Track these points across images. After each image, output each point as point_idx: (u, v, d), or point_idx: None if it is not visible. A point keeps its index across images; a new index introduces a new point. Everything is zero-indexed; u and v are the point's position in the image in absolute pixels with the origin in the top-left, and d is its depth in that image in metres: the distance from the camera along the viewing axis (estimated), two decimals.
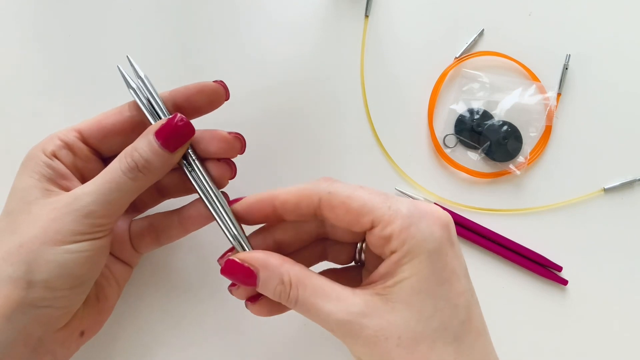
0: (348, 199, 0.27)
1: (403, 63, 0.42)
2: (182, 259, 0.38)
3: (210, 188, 0.31)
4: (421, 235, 0.25)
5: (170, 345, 0.37)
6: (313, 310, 0.26)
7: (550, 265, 0.39)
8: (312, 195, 0.27)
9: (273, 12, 0.42)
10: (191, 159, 0.31)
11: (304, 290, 0.26)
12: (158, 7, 0.41)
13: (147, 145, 0.28)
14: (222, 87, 0.32)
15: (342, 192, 0.27)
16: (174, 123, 0.29)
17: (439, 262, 0.25)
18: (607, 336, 0.39)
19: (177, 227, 0.33)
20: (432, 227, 0.26)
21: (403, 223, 0.25)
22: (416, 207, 0.26)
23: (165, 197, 0.34)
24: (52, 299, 0.27)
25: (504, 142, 0.40)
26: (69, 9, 0.41)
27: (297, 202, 0.28)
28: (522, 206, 0.40)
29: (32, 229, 0.27)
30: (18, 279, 0.26)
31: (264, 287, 0.27)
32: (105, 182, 0.28)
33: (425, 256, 0.25)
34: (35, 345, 0.28)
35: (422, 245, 0.25)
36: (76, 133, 0.31)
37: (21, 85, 0.40)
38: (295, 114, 0.41)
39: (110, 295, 0.33)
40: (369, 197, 0.26)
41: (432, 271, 0.25)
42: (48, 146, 0.30)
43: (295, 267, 0.27)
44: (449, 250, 0.26)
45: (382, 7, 0.42)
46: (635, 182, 0.40)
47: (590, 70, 0.42)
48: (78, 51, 0.40)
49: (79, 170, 0.31)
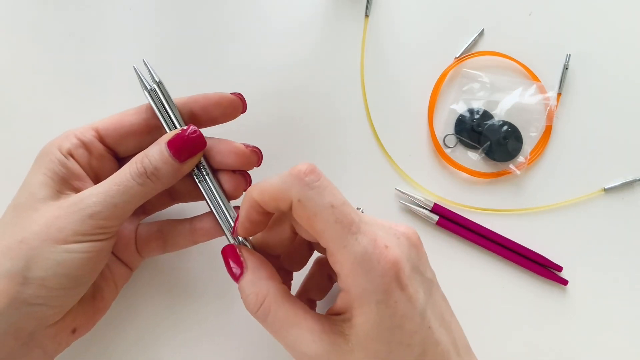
0: (312, 217, 0.25)
1: (403, 63, 0.42)
2: (184, 260, 0.38)
3: (221, 201, 0.31)
4: (366, 286, 0.25)
5: (168, 346, 0.37)
6: (280, 334, 0.27)
7: (550, 265, 0.39)
8: (285, 197, 0.26)
9: (273, 13, 0.42)
10: (203, 170, 0.31)
11: (275, 314, 0.27)
12: (159, 10, 0.41)
13: (158, 153, 0.29)
14: (240, 100, 0.32)
15: (309, 206, 0.25)
16: (186, 135, 0.29)
17: (387, 310, 0.25)
18: (607, 336, 0.39)
19: (186, 237, 0.33)
20: (377, 280, 0.25)
21: (351, 269, 0.25)
22: (367, 253, 0.25)
23: (175, 201, 0.34)
24: (47, 298, 0.27)
25: (504, 142, 0.40)
26: (69, 9, 0.41)
27: (270, 200, 0.27)
28: (522, 206, 0.40)
29: (35, 225, 0.27)
30: (15, 274, 0.26)
31: (242, 289, 0.28)
32: (113, 184, 0.28)
33: (372, 306, 0.25)
34: (26, 339, 0.28)
35: (368, 297, 0.25)
36: (94, 132, 0.31)
37: (21, 85, 0.40)
38: (295, 114, 0.41)
39: (107, 296, 0.32)
40: (331, 226, 0.25)
41: (381, 319, 0.25)
42: (65, 144, 0.30)
43: (276, 288, 0.28)
44: (398, 296, 0.25)
45: (382, 7, 0.42)
46: (635, 182, 0.40)
47: (590, 70, 0.42)
48: (78, 51, 0.40)
49: (94, 169, 0.31)
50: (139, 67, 0.31)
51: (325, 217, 0.25)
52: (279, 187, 0.26)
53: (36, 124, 0.39)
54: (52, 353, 0.30)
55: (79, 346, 0.34)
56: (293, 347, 0.26)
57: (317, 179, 0.25)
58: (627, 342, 0.39)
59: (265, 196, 0.27)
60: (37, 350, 0.29)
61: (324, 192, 0.25)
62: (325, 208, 0.25)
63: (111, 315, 0.35)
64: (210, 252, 0.38)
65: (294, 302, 0.28)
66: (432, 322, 0.27)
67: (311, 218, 0.25)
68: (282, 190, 0.26)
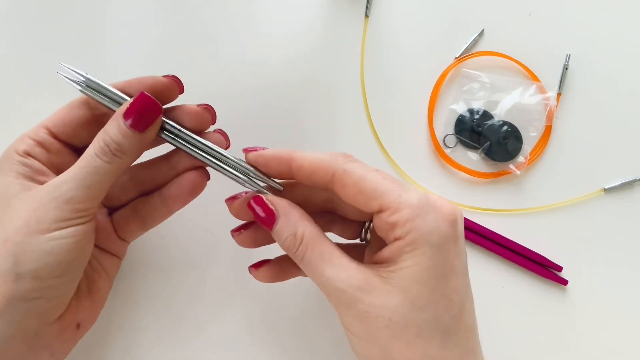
0: (361, 180, 0.27)
1: (403, 63, 0.42)
2: (176, 251, 0.38)
3: (208, 145, 0.31)
4: (426, 228, 0.26)
5: (165, 343, 0.37)
6: (316, 271, 0.27)
7: (550, 265, 0.39)
8: (327, 168, 0.28)
9: (273, 13, 0.42)
10: (173, 129, 0.30)
11: (312, 250, 0.27)
12: (157, 8, 0.41)
13: (116, 128, 0.28)
14: (175, 82, 0.31)
15: (356, 172, 0.27)
16: (139, 103, 0.29)
17: (440, 257, 0.26)
18: (607, 336, 0.39)
19: (160, 209, 0.33)
20: (438, 222, 0.26)
21: (411, 213, 0.26)
22: (427, 199, 0.27)
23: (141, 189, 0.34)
24: (42, 289, 0.27)
25: (504, 142, 0.40)
26: (69, 9, 0.41)
27: (311, 170, 0.29)
28: (522, 206, 0.40)
29: (14, 222, 0.27)
30: (6, 272, 0.26)
31: (278, 234, 0.28)
32: (81, 167, 0.28)
33: (427, 249, 0.26)
34: (32, 340, 0.28)
35: (426, 238, 0.26)
36: (45, 130, 0.31)
37: (21, 85, 0.40)
38: (295, 114, 0.41)
39: (101, 287, 0.33)
40: (382, 182, 0.27)
41: (432, 264, 0.26)
42: (20, 146, 0.30)
43: (311, 227, 0.28)
44: (451, 246, 0.26)
45: (382, 7, 0.42)
46: (635, 182, 0.40)
47: (590, 70, 0.42)
48: (79, 51, 0.40)
49: (55, 165, 0.31)
50: (61, 70, 0.30)
51: (373, 177, 0.27)
52: (326, 159, 0.28)
53: None
54: (59, 355, 0.30)
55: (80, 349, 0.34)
56: (328, 283, 0.27)
57: (356, 159, 0.29)
58: (627, 341, 0.39)
59: (306, 164, 0.28)
60: (45, 352, 0.29)
61: (364, 164, 0.28)
62: (370, 171, 0.27)
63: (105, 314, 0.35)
64: (210, 250, 0.38)
65: (329, 241, 0.28)
66: (470, 291, 0.28)
67: (359, 182, 0.27)
68: (325, 161, 0.28)
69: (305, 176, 0.29)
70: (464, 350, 0.27)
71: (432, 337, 0.26)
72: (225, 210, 0.31)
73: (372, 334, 0.26)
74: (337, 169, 0.28)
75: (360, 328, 0.26)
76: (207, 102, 0.32)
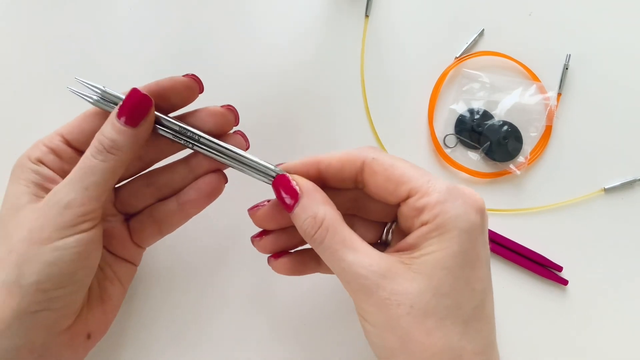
0: (390, 167, 0.28)
1: (403, 63, 0.42)
2: (189, 258, 0.38)
3: (228, 148, 0.30)
4: (455, 212, 0.26)
5: (176, 347, 0.37)
6: (336, 256, 0.27)
7: (550, 265, 0.39)
8: (356, 159, 0.28)
9: (273, 13, 0.42)
10: (190, 133, 0.30)
11: (333, 235, 0.27)
12: (158, 8, 0.41)
13: (110, 126, 0.28)
14: (195, 81, 0.31)
15: (385, 159, 0.28)
16: (129, 99, 0.29)
17: (468, 244, 0.26)
18: (607, 336, 0.39)
19: (177, 214, 0.32)
20: (467, 208, 0.26)
21: (439, 197, 0.26)
22: (455, 186, 0.27)
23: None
24: (46, 302, 0.27)
25: (504, 142, 0.40)
26: (69, 9, 0.41)
27: (341, 165, 0.29)
28: (522, 206, 0.40)
29: (19, 232, 0.27)
30: (11, 285, 0.26)
31: (297, 215, 0.28)
32: (78, 169, 0.28)
33: (456, 233, 0.26)
34: (40, 351, 0.28)
35: (455, 223, 0.26)
36: (60, 137, 0.31)
37: (21, 85, 0.40)
38: (295, 114, 0.41)
39: (114, 296, 0.32)
40: (411, 168, 0.28)
41: (459, 250, 0.25)
42: (34, 153, 0.30)
43: (333, 212, 0.28)
44: (479, 235, 0.26)
45: (382, 7, 0.42)
46: (635, 182, 0.40)
47: (590, 70, 0.42)
48: (78, 51, 0.40)
49: (67, 173, 0.30)
50: (74, 87, 0.31)
51: (402, 164, 0.28)
52: (349, 152, 0.29)
53: (36, 124, 0.39)
54: None
55: None
56: (349, 269, 0.26)
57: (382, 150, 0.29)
58: (627, 341, 0.39)
59: (335, 160, 0.29)
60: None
61: (391, 155, 0.29)
62: (398, 160, 0.28)
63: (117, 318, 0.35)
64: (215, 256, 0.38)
65: (349, 229, 0.28)
66: (491, 283, 0.27)
67: (388, 169, 0.28)
68: (353, 153, 0.29)
69: (334, 173, 0.29)
70: (484, 342, 0.26)
71: (453, 327, 0.25)
72: (238, 215, 0.31)
73: (390, 322, 0.25)
74: (366, 157, 0.28)
75: (379, 316, 0.26)
76: (209, 101, 0.32)
